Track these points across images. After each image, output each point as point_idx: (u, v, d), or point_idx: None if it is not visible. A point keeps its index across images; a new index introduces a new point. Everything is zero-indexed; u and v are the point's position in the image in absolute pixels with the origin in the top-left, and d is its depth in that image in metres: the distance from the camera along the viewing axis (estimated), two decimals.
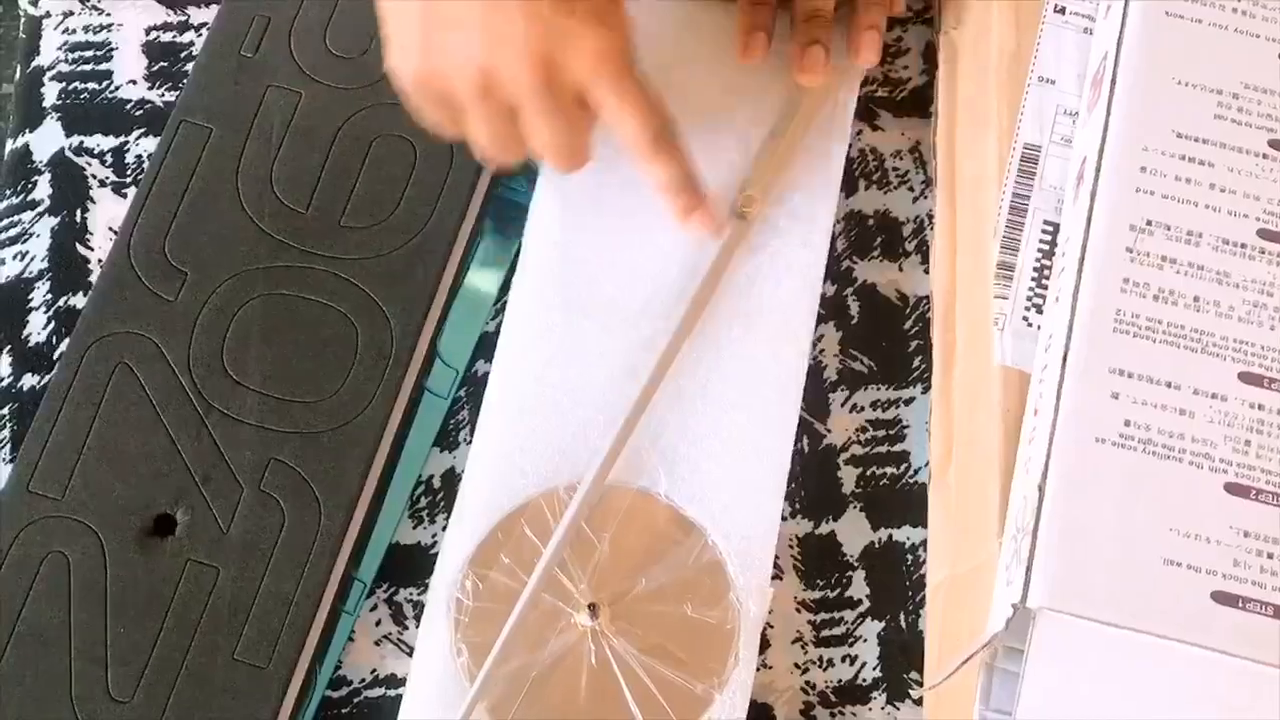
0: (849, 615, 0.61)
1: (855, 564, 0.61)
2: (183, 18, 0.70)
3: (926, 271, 0.65)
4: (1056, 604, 0.49)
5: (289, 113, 0.64)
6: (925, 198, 0.66)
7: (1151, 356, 0.52)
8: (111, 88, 0.68)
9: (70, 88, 0.68)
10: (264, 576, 0.57)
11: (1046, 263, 0.59)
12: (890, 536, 0.62)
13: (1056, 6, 0.63)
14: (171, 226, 0.62)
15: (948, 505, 0.60)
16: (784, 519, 0.62)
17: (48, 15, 0.69)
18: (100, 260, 0.65)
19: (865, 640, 0.60)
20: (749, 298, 0.62)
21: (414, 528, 0.62)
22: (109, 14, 0.69)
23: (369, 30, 0.65)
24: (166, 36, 0.69)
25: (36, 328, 0.64)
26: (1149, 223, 0.54)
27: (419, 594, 0.60)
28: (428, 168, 0.63)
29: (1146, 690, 0.49)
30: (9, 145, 0.67)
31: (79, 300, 0.64)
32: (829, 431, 0.63)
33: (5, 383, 0.63)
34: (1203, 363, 0.52)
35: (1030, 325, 0.58)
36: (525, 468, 0.59)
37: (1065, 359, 0.52)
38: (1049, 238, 0.59)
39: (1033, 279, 0.59)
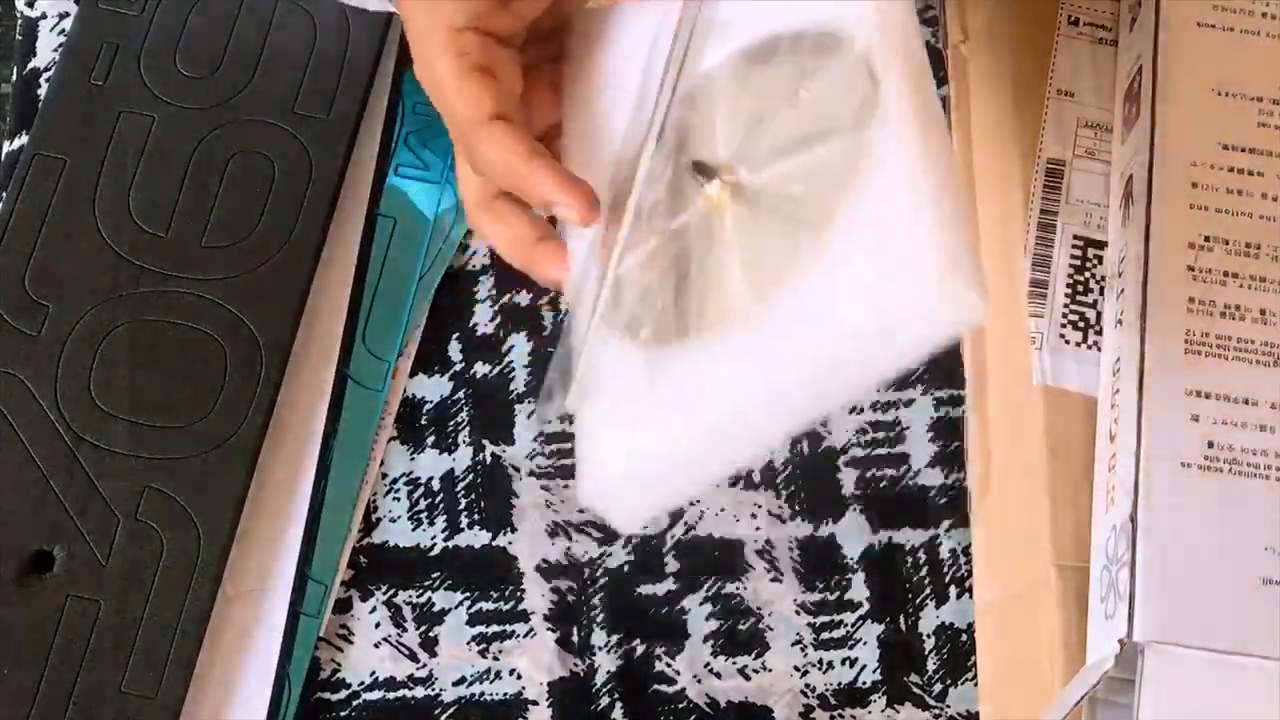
0: (849, 618, 0.61)
1: (855, 566, 0.61)
2: None
3: None
4: (1164, 636, 0.49)
5: (143, 137, 0.63)
6: None
7: (1226, 375, 0.52)
8: None
9: None
10: (146, 606, 0.57)
11: (1079, 278, 0.59)
12: (890, 539, 0.62)
13: (1070, 18, 0.63)
14: (30, 260, 0.61)
15: (992, 525, 0.60)
16: (783, 521, 0.62)
17: (44, 17, 0.69)
18: None
19: (865, 643, 0.60)
20: None
21: (413, 530, 0.61)
22: None
23: (218, 50, 0.65)
24: None
25: None
26: (1206, 239, 0.54)
27: (418, 596, 0.60)
28: (287, 182, 0.63)
29: (1261, 711, 0.49)
30: (5, 147, 0.66)
31: None
32: (829, 433, 0.63)
33: None
34: (1277, 376, 0.53)
35: (1067, 343, 0.58)
36: None
37: (1140, 384, 0.52)
38: (1079, 253, 0.60)
39: (1066, 295, 0.59)
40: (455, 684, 0.59)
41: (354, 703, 0.59)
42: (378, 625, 0.60)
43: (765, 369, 0.41)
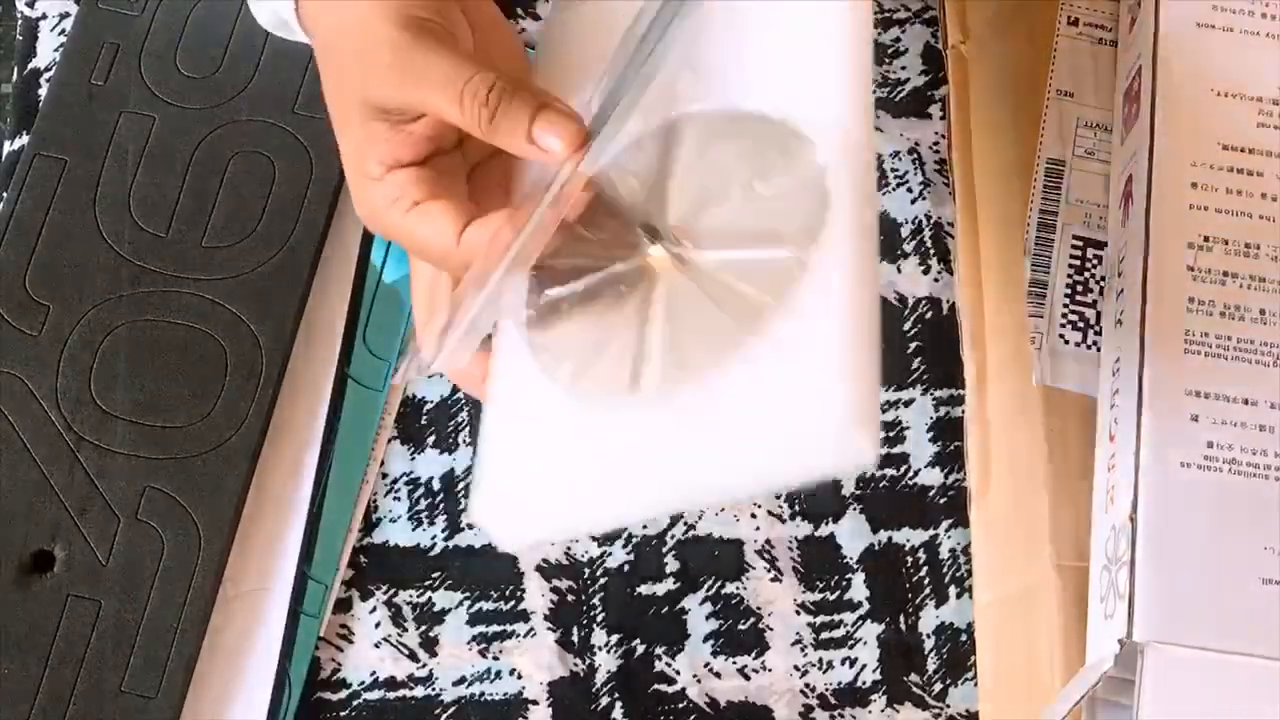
0: (849, 617, 0.61)
1: (855, 566, 0.61)
2: None
3: (925, 273, 0.65)
4: (1164, 636, 0.49)
5: (143, 138, 0.63)
6: (924, 199, 0.66)
7: (1225, 375, 0.53)
8: None
9: None
10: (146, 605, 0.57)
11: (1079, 279, 0.59)
12: (890, 538, 0.62)
13: (1069, 19, 0.63)
14: (31, 260, 0.61)
15: (991, 525, 0.60)
16: (782, 521, 0.62)
17: (44, 17, 0.69)
18: None
19: (865, 643, 0.60)
20: None
21: (414, 530, 0.61)
22: None
23: (218, 50, 0.65)
24: None
25: None
26: (1206, 239, 0.54)
27: (418, 596, 0.60)
28: (287, 181, 0.63)
29: (1261, 711, 0.49)
30: (6, 147, 0.66)
31: None
32: None
33: None
34: (1276, 376, 0.53)
35: (1067, 343, 0.58)
36: None
37: (1140, 384, 0.53)
38: (1079, 253, 0.60)
39: (1066, 295, 0.59)
40: (455, 684, 0.59)
41: (354, 702, 0.59)
42: (378, 625, 0.60)
43: (669, 447, 0.43)
